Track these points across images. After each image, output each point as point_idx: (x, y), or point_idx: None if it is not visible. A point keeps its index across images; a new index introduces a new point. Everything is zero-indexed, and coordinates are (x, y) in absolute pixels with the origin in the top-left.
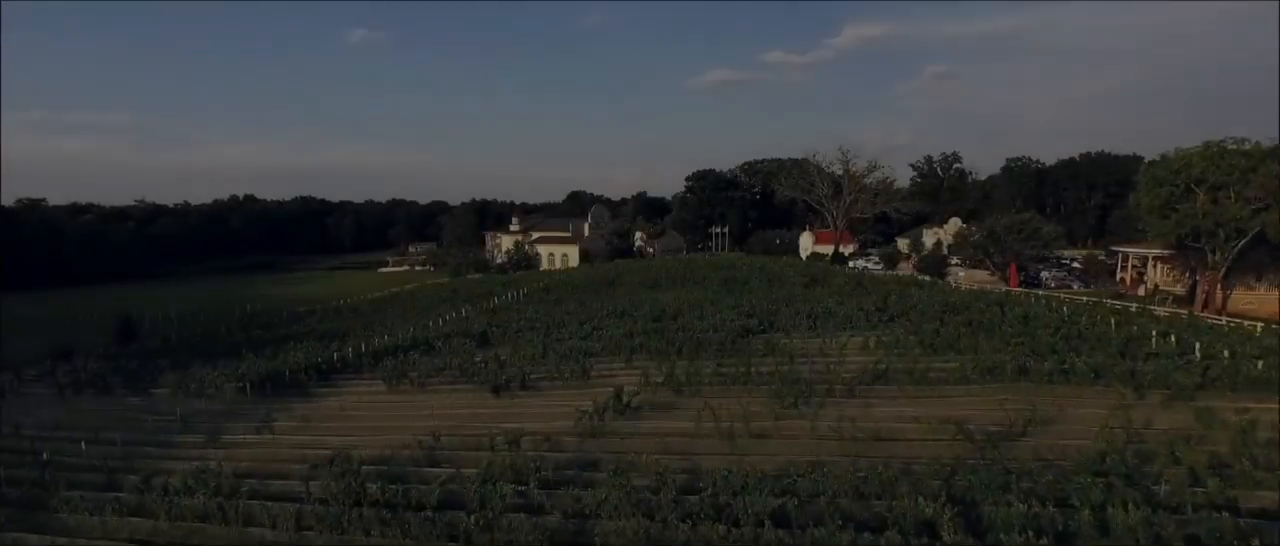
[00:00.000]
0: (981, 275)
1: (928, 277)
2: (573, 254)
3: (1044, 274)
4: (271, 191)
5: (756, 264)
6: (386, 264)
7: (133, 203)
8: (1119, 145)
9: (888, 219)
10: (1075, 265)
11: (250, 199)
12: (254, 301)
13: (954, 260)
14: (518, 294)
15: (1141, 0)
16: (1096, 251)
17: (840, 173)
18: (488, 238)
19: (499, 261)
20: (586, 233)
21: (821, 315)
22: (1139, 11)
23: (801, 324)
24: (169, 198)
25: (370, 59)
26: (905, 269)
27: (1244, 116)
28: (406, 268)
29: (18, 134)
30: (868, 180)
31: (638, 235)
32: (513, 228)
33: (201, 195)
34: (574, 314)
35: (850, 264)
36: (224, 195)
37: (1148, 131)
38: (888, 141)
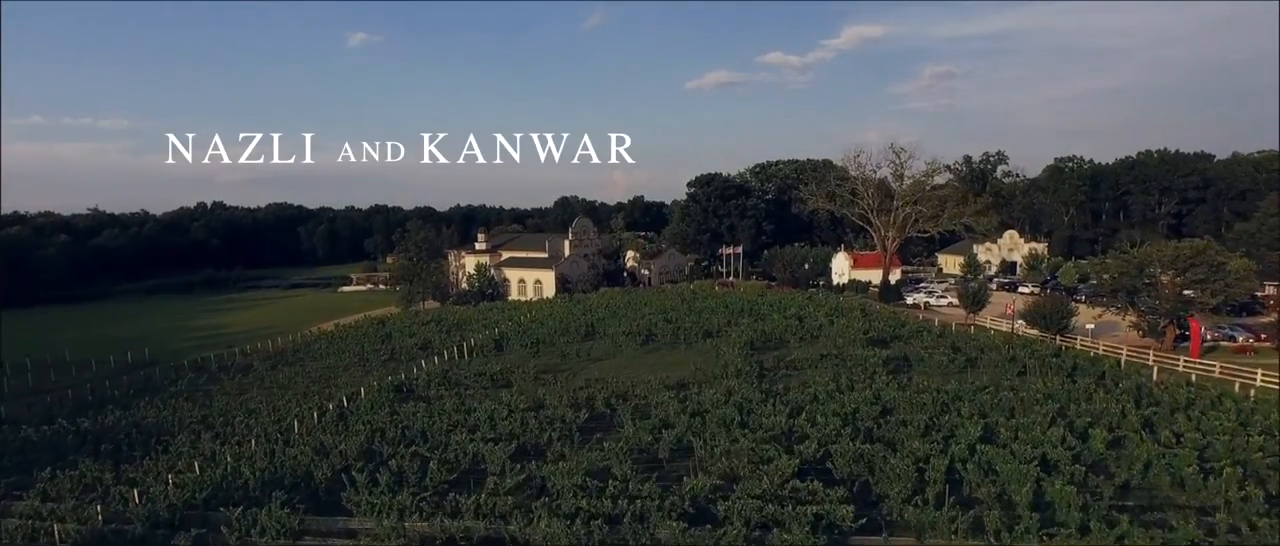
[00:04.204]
0: (1111, 319)
1: (1038, 331)
2: (547, 281)
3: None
4: (264, 197)
5: (790, 306)
6: (350, 282)
7: (86, 210)
8: (1117, 145)
9: (949, 235)
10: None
11: (219, 206)
12: (157, 338)
13: (1023, 286)
14: (462, 348)
15: (1140, 0)
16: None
17: (890, 178)
18: (451, 257)
19: (464, 286)
20: (566, 252)
21: (970, 468)
22: (1137, 11)
23: (949, 511)
24: (158, 205)
25: (368, 62)
26: (1007, 315)
27: (1243, 116)
28: (369, 287)
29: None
30: (929, 187)
31: (629, 254)
32: (478, 246)
33: (187, 201)
34: (512, 417)
35: (908, 300)
36: (196, 201)
37: (1147, 131)
38: (889, 143)
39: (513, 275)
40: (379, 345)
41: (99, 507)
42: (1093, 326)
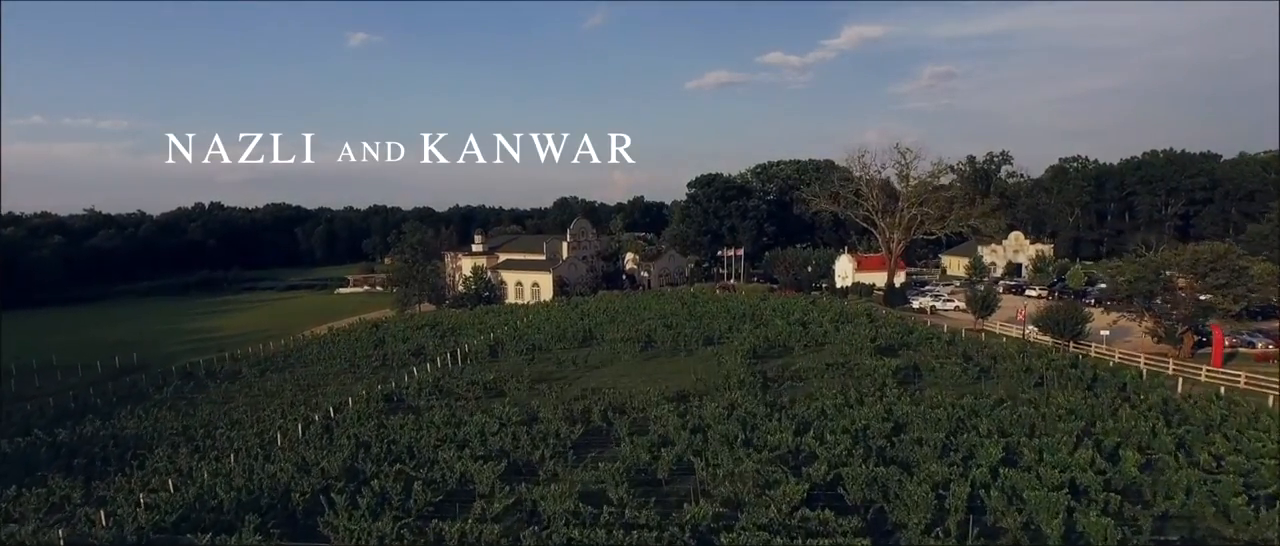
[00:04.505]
0: (1125, 324)
1: (1051, 337)
2: (545, 283)
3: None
4: (264, 197)
5: (793, 311)
6: (346, 283)
7: (83, 211)
8: (1118, 145)
9: (956, 236)
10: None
11: (217, 206)
12: (149, 342)
13: (1031, 289)
14: (456, 354)
15: (1141, 0)
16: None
17: (895, 179)
18: (448, 259)
19: (460, 289)
20: (564, 254)
21: (993, 494)
22: (1138, 11)
23: (974, 544)
24: (159, 205)
25: (368, 62)
26: (1017, 321)
27: (1244, 116)
28: (365, 289)
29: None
30: (934, 187)
31: (628, 256)
32: (475, 248)
33: (188, 201)
34: (503, 431)
35: (914, 304)
36: (196, 201)
37: (1148, 131)
38: (888, 143)
39: (510, 278)
40: (371, 351)
41: (62, 531)
42: (1107, 332)
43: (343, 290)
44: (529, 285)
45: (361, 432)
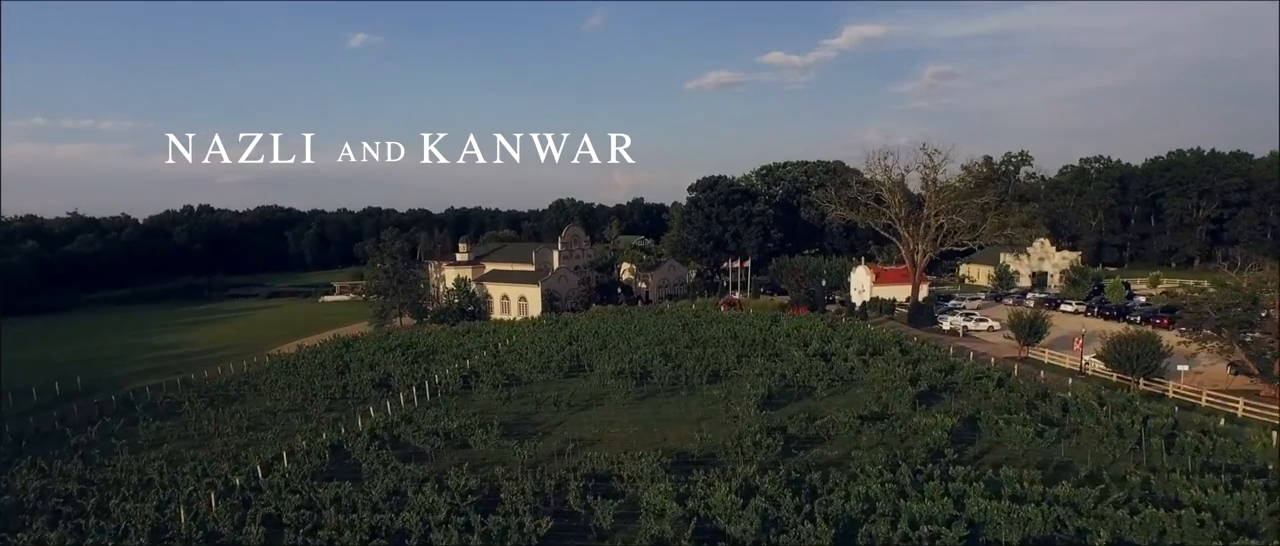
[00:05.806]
0: (1193, 350)
1: (1117, 373)
2: (533, 297)
3: None
4: (265, 198)
5: (810, 338)
6: (332, 290)
7: (66, 214)
8: (1121, 145)
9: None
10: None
11: (205, 209)
12: (103, 361)
13: (1066, 303)
14: (425, 386)
15: (1140, 0)
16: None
17: (919, 184)
18: (432, 269)
19: (442, 302)
20: (555, 265)
21: None
22: (1138, 11)
23: None
24: (159, 207)
25: (368, 62)
26: (1074, 351)
27: (1245, 115)
28: (350, 296)
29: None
30: (966, 192)
31: (625, 266)
32: (460, 257)
33: (190, 202)
34: (452, 522)
35: (945, 325)
36: (198, 203)
37: (1149, 131)
38: (889, 142)
39: (496, 290)
40: (332, 379)
41: None
42: (1185, 367)
43: (328, 298)
44: (516, 299)
45: (284, 507)
